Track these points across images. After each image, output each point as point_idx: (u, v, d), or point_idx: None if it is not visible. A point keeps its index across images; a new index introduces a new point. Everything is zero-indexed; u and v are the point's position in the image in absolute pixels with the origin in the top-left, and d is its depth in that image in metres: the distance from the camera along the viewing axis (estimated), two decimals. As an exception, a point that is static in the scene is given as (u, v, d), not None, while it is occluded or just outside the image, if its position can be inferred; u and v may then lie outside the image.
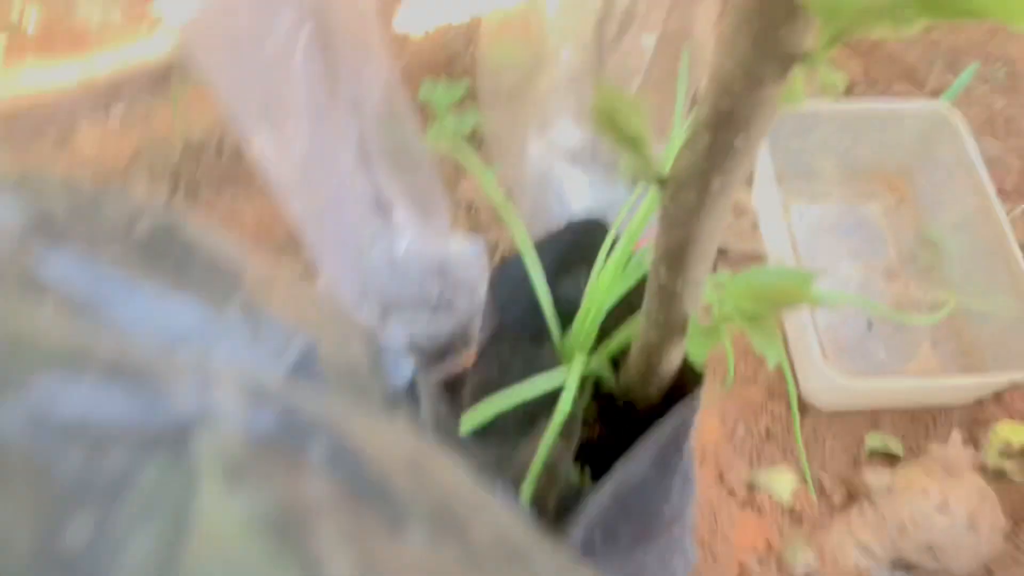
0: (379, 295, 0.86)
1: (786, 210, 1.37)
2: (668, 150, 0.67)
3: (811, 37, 0.40)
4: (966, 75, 1.46)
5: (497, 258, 1.19)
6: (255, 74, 0.59)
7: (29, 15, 1.45)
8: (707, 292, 0.53)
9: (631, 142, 0.52)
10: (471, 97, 1.06)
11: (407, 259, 0.82)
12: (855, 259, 1.35)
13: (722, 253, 1.31)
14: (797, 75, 0.40)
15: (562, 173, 0.92)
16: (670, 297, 0.53)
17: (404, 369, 0.28)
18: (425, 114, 1.39)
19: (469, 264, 0.92)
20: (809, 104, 1.37)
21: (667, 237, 0.56)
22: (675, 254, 0.52)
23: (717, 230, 0.55)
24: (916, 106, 1.34)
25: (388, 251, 0.80)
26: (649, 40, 0.87)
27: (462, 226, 1.23)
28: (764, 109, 0.44)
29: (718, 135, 0.47)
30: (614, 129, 0.52)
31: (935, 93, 1.49)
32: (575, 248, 0.67)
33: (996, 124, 1.47)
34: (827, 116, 1.32)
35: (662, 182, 0.55)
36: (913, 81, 1.53)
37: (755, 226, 1.36)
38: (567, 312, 0.60)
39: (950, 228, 1.31)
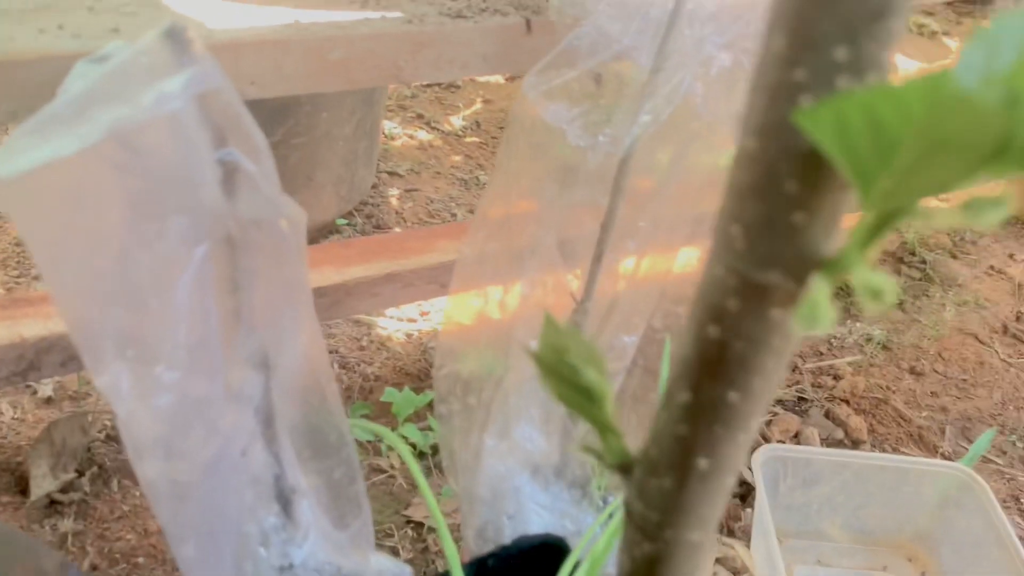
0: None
1: (789, 574, 1.18)
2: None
3: (840, 226, 0.27)
4: (984, 440, 1.34)
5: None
6: (121, 291, 0.47)
7: None
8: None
9: (581, 395, 0.37)
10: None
11: (305, 571, 0.63)
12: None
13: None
14: (820, 288, 0.26)
15: (522, 486, 0.76)
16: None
17: None
18: (387, 420, 1.29)
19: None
20: (814, 453, 1.24)
21: (630, 557, 0.39)
22: None
23: (704, 548, 0.38)
24: (936, 466, 1.20)
25: (282, 556, 0.62)
26: (630, 340, 0.75)
27: (409, 546, 1.05)
28: (770, 340, 0.30)
29: (703, 386, 0.32)
30: (560, 379, 0.37)
31: (947, 459, 1.36)
32: (526, 571, 0.52)
33: (1022, 499, 1.31)
34: (834, 468, 1.18)
35: (626, 465, 0.39)
36: (923, 445, 1.41)
37: (757, 591, 1.16)
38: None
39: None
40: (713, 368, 0.31)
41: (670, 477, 0.35)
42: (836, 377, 1.51)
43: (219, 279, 0.52)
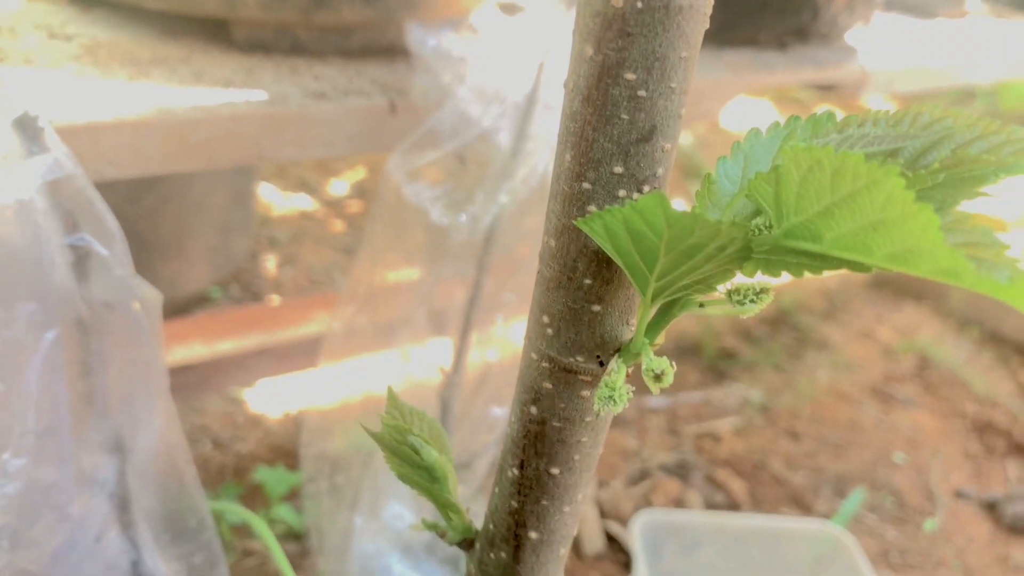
0: None
1: (671, 639, 1.19)
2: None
3: (634, 315, 0.30)
4: (853, 500, 1.40)
5: None
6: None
7: None
8: None
9: (423, 474, 0.38)
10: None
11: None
12: None
13: None
14: (617, 371, 0.29)
15: (392, 565, 0.76)
16: None
17: None
18: (258, 500, 1.26)
19: None
20: (693, 517, 1.27)
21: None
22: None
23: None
24: (810, 527, 1.25)
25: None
26: (501, 412, 0.77)
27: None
28: (584, 418, 0.32)
29: (529, 462, 0.34)
30: (402, 458, 0.38)
31: (824, 518, 1.41)
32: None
33: (891, 556, 1.38)
34: (712, 532, 1.21)
35: (469, 541, 0.40)
36: (800, 505, 1.46)
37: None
38: None
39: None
40: (536, 445, 0.33)
41: (505, 550, 0.37)
42: (716, 440, 1.55)
43: (71, 363, 0.52)
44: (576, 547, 1.24)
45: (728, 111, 1.09)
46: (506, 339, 0.84)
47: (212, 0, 0.79)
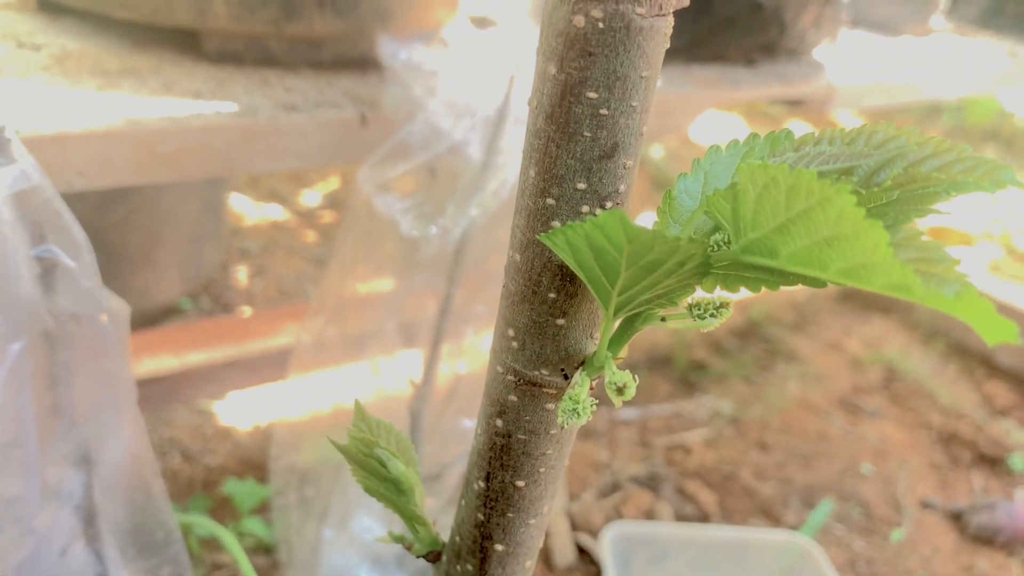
0: None
1: (641, 650, 1.20)
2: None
3: (597, 328, 0.30)
4: (821, 511, 1.41)
5: None
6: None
7: None
8: None
9: (389, 487, 0.38)
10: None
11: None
12: None
13: None
14: (581, 383, 0.29)
15: (362, 576, 0.76)
16: None
17: None
18: (227, 513, 1.25)
19: None
20: (663, 528, 1.27)
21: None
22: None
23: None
24: (778, 537, 1.26)
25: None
26: (471, 424, 0.77)
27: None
28: (549, 430, 0.32)
29: (495, 474, 0.34)
30: (368, 471, 0.39)
31: (792, 529, 1.42)
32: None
33: (858, 565, 1.39)
34: (682, 544, 1.22)
35: (436, 554, 0.40)
36: (769, 516, 1.47)
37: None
38: None
39: None
40: (501, 457, 0.33)
41: (472, 562, 0.37)
42: (687, 451, 1.56)
43: (37, 375, 0.51)
44: (547, 559, 1.24)
45: (698, 125, 1.10)
46: (476, 351, 0.85)
47: (182, 10, 0.79)
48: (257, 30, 0.81)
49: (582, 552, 1.30)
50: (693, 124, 1.03)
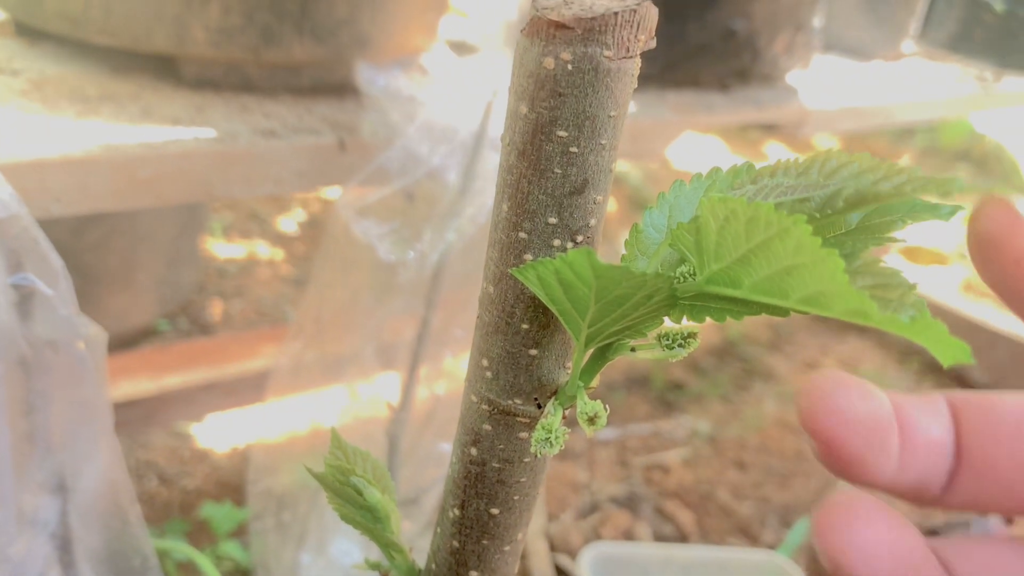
0: None
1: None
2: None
3: (567, 358, 0.31)
4: (798, 529, 1.42)
5: None
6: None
7: None
8: None
9: (366, 514, 0.38)
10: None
11: None
12: None
13: None
14: (554, 413, 0.30)
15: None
16: None
17: None
18: (205, 536, 1.24)
19: None
20: (642, 549, 1.27)
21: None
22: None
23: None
24: (756, 557, 1.27)
25: None
26: (448, 447, 0.77)
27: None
28: (523, 459, 0.33)
29: (469, 502, 0.34)
30: (344, 499, 0.39)
31: (770, 548, 1.43)
32: None
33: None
34: (661, 562, 1.22)
35: (411, 579, 0.41)
36: (747, 535, 1.48)
37: None
38: None
39: None
40: (476, 486, 0.34)
41: (447, 588, 0.37)
42: (665, 471, 1.57)
43: (12, 402, 0.51)
44: (526, 581, 1.24)
45: (677, 147, 1.12)
46: (454, 375, 0.85)
47: (161, 36, 0.79)
48: (236, 56, 0.81)
49: (561, 573, 1.30)
50: (669, 147, 1.04)
